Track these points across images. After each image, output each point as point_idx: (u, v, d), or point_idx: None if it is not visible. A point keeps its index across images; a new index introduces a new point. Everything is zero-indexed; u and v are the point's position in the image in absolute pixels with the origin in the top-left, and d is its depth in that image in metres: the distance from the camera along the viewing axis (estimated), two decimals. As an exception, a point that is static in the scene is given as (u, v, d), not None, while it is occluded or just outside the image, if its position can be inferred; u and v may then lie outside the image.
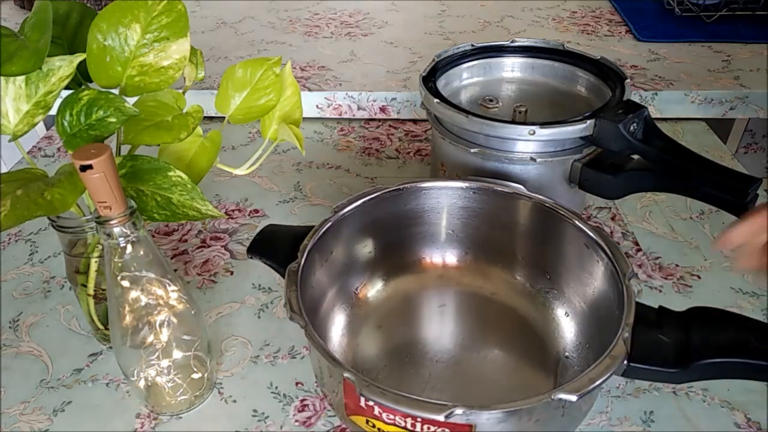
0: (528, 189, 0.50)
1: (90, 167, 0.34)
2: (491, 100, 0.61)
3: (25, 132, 0.41)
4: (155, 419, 0.47)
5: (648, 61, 0.89)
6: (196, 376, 0.47)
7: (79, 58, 0.41)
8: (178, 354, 0.45)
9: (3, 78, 0.39)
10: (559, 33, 1.01)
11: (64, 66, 0.40)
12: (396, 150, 0.79)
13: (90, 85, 0.41)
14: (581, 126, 0.52)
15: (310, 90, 0.84)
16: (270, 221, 0.66)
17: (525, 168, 0.56)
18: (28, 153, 0.68)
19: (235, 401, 0.48)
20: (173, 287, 0.43)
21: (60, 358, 0.52)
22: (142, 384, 0.45)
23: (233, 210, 0.69)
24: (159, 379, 0.45)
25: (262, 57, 0.48)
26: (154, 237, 0.65)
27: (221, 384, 0.50)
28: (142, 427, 0.46)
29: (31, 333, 0.54)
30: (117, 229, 0.38)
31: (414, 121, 0.85)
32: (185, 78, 0.50)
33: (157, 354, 0.44)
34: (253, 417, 0.47)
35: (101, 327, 0.51)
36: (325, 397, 0.47)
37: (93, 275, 0.47)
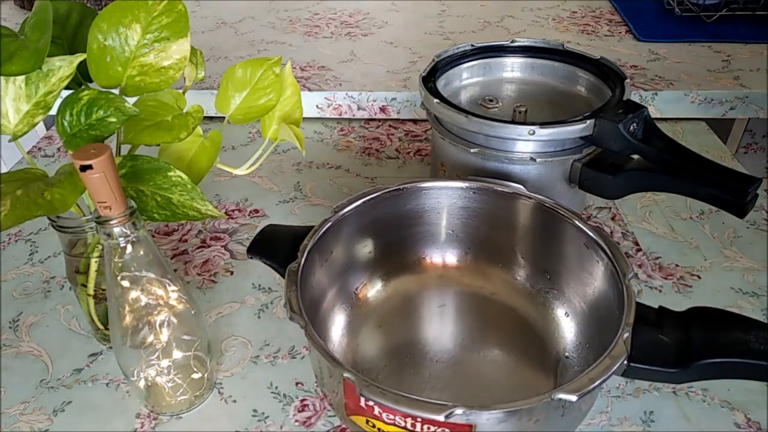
0: (528, 189, 0.50)
1: (90, 167, 0.34)
2: (491, 100, 0.61)
3: (25, 132, 0.41)
4: (155, 419, 0.47)
5: (648, 61, 0.89)
6: (196, 376, 0.47)
7: (79, 58, 0.41)
8: (178, 354, 0.45)
9: (3, 78, 0.39)
10: (559, 33, 1.01)
11: (64, 66, 0.40)
12: (396, 150, 0.79)
13: (90, 85, 0.41)
14: (581, 126, 0.52)
15: (310, 90, 0.84)
16: (270, 221, 0.66)
17: (525, 168, 0.56)
18: (28, 153, 0.68)
19: (235, 401, 0.48)
20: (173, 287, 0.43)
21: (60, 358, 0.52)
22: (142, 384, 0.45)
23: (233, 210, 0.69)
24: (159, 379, 0.45)
25: (262, 57, 0.48)
26: (154, 237, 0.65)
27: (221, 384, 0.50)
28: (142, 427, 0.46)
29: (31, 333, 0.54)
30: (117, 229, 0.38)
31: (414, 121, 0.85)
32: (185, 78, 0.50)
33: (157, 354, 0.44)
34: (253, 417, 0.47)
35: (101, 327, 0.51)
36: (325, 397, 0.47)
37: (93, 275, 0.47)
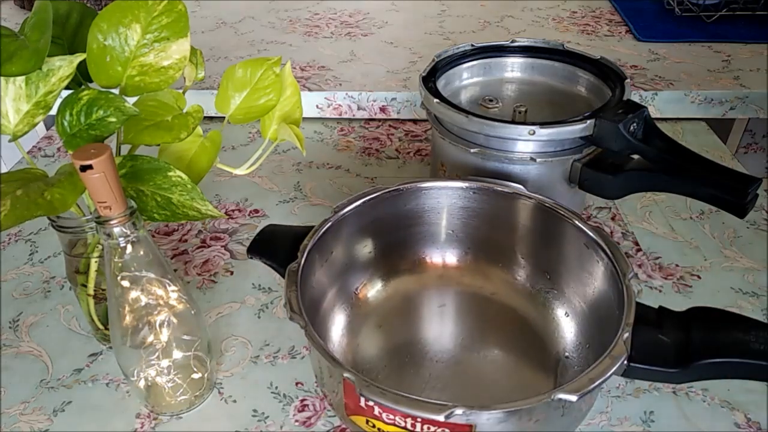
0: (528, 189, 0.50)
1: (90, 167, 0.34)
2: (491, 100, 0.61)
3: (25, 132, 0.41)
4: (155, 419, 0.47)
5: (648, 61, 0.89)
6: (196, 376, 0.47)
7: (79, 58, 0.41)
8: (178, 354, 0.45)
9: (3, 78, 0.39)
10: (559, 33, 1.01)
11: (64, 66, 0.40)
12: (396, 150, 0.79)
13: (90, 85, 0.41)
14: (581, 126, 0.52)
15: (310, 90, 0.84)
16: (270, 221, 0.66)
17: (525, 168, 0.56)
18: (28, 153, 0.68)
19: (235, 401, 0.48)
20: (173, 287, 0.43)
21: (60, 358, 0.52)
22: (142, 384, 0.45)
23: (233, 210, 0.69)
24: (159, 379, 0.45)
25: (262, 57, 0.48)
26: (154, 237, 0.65)
27: (221, 384, 0.50)
28: (142, 427, 0.46)
29: (31, 333, 0.54)
30: (117, 229, 0.38)
31: (414, 121, 0.85)
32: (185, 78, 0.50)
33: (157, 354, 0.44)
34: (253, 417, 0.47)
35: (101, 327, 0.51)
36: (325, 397, 0.47)
37: (93, 275, 0.47)
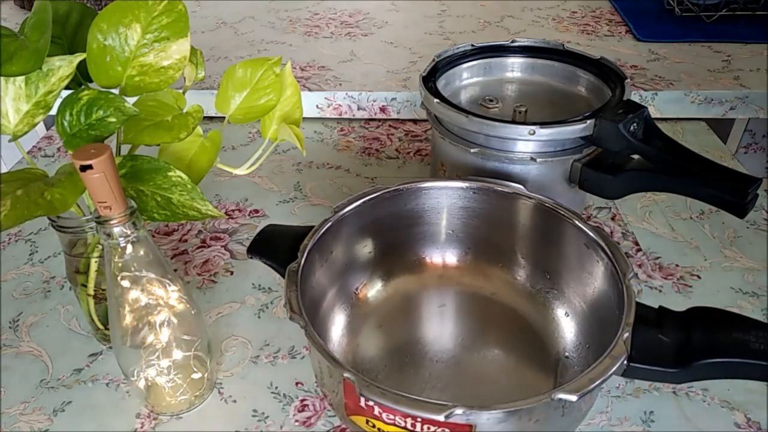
0: (528, 189, 0.50)
1: (90, 167, 0.34)
2: (491, 100, 0.61)
3: (25, 132, 0.41)
4: (155, 419, 0.47)
5: (648, 61, 0.89)
6: (196, 376, 0.47)
7: (79, 58, 0.41)
8: (178, 354, 0.45)
9: (3, 78, 0.39)
10: (559, 33, 1.01)
11: (64, 66, 0.40)
12: (396, 150, 0.79)
13: (90, 85, 0.41)
14: (581, 126, 0.52)
15: (310, 90, 0.84)
16: (270, 221, 0.66)
17: (525, 168, 0.56)
18: (28, 153, 0.68)
19: (235, 401, 0.48)
20: (173, 287, 0.43)
21: (60, 358, 0.52)
22: (142, 384, 0.45)
23: (233, 210, 0.69)
24: (159, 379, 0.45)
25: (262, 57, 0.48)
26: (154, 237, 0.65)
27: (221, 384, 0.50)
28: (142, 427, 0.46)
29: (31, 333, 0.54)
30: (117, 229, 0.38)
31: (414, 121, 0.85)
32: (185, 78, 0.50)
33: (157, 354, 0.44)
34: (253, 417, 0.47)
35: (101, 327, 0.51)
36: (325, 397, 0.47)
37: (93, 275, 0.47)
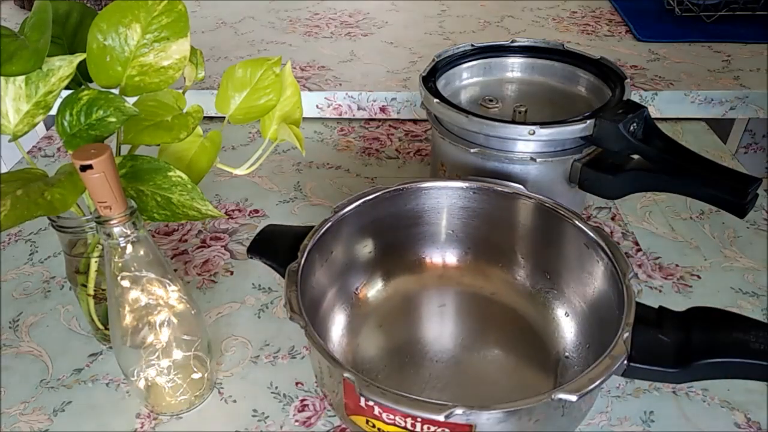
0: (528, 189, 0.50)
1: (90, 167, 0.34)
2: (491, 100, 0.61)
3: (25, 132, 0.41)
4: (155, 419, 0.47)
5: (648, 61, 0.89)
6: (196, 376, 0.47)
7: (79, 58, 0.41)
8: (178, 354, 0.45)
9: (3, 78, 0.39)
10: (559, 33, 1.01)
11: (64, 66, 0.40)
12: (396, 150, 0.79)
13: (90, 85, 0.41)
14: (581, 126, 0.52)
15: (310, 90, 0.84)
16: (270, 221, 0.66)
17: (525, 168, 0.56)
18: (28, 153, 0.68)
19: (235, 401, 0.48)
20: (173, 287, 0.43)
21: (60, 358, 0.52)
22: (142, 384, 0.45)
23: (233, 210, 0.69)
24: (159, 379, 0.45)
25: (262, 57, 0.48)
26: (154, 237, 0.65)
27: (221, 384, 0.50)
28: (142, 427, 0.46)
29: (31, 333, 0.54)
30: (117, 229, 0.38)
31: (414, 121, 0.85)
32: (185, 78, 0.50)
33: (157, 354, 0.44)
34: (253, 417, 0.47)
35: (101, 327, 0.51)
36: (325, 397, 0.47)
37: (93, 275, 0.47)
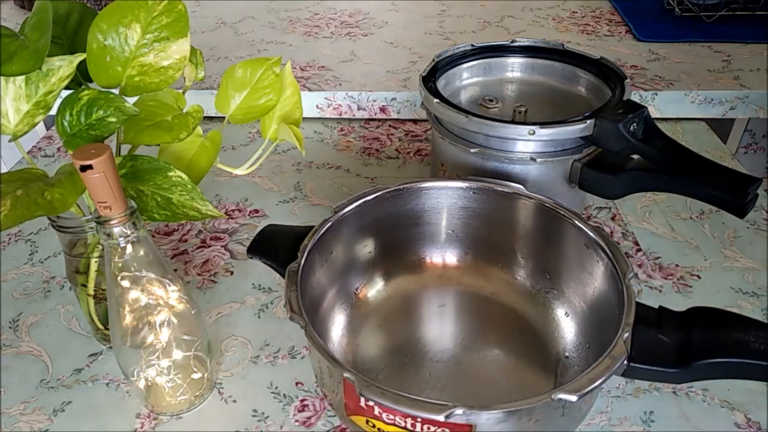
0: (528, 189, 0.50)
1: (90, 167, 0.34)
2: (491, 100, 0.61)
3: (25, 132, 0.41)
4: (155, 419, 0.47)
5: (648, 61, 0.89)
6: (196, 376, 0.47)
7: (79, 58, 0.41)
8: (178, 354, 0.45)
9: (3, 78, 0.39)
10: (559, 33, 1.01)
11: (64, 66, 0.40)
12: (396, 150, 0.79)
13: (90, 85, 0.41)
14: (581, 126, 0.52)
15: (310, 90, 0.84)
16: (270, 221, 0.66)
17: (525, 168, 0.56)
18: (28, 153, 0.68)
19: (235, 401, 0.48)
20: (173, 287, 0.43)
21: (60, 358, 0.52)
22: (142, 384, 0.45)
23: (233, 210, 0.69)
24: (159, 379, 0.45)
25: (262, 57, 0.48)
26: (154, 237, 0.65)
27: (221, 384, 0.50)
28: (142, 427, 0.46)
29: (31, 333, 0.54)
30: (117, 229, 0.38)
31: (414, 121, 0.85)
32: (185, 78, 0.50)
33: (157, 354, 0.44)
34: (253, 417, 0.47)
35: (101, 327, 0.51)
36: (325, 397, 0.47)
37: (93, 275, 0.47)
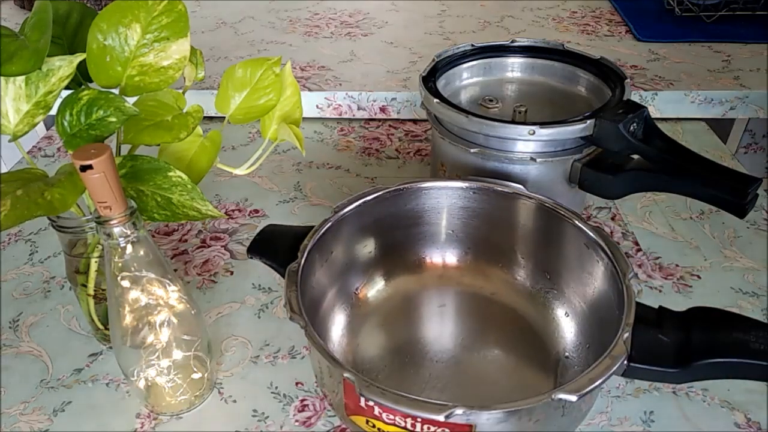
0: (528, 189, 0.50)
1: (90, 167, 0.34)
2: (491, 100, 0.61)
3: (25, 132, 0.41)
4: (155, 419, 0.47)
5: (648, 61, 0.89)
6: (196, 376, 0.47)
7: (79, 58, 0.41)
8: (178, 354, 0.45)
9: (3, 78, 0.39)
10: (559, 33, 1.01)
11: (64, 66, 0.40)
12: (396, 150, 0.79)
13: (90, 85, 0.41)
14: (581, 126, 0.52)
15: (310, 90, 0.84)
16: (270, 221, 0.66)
17: (525, 168, 0.56)
18: (28, 153, 0.68)
19: (235, 401, 0.48)
20: (173, 287, 0.43)
21: (60, 358, 0.52)
22: (142, 384, 0.45)
23: (233, 210, 0.69)
24: (159, 379, 0.45)
25: (262, 57, 0.48)
26: (154, 237, 0.65)
27: (221, 384, 0.50)
28: (142, 427, 0.46)
29: (31, 333, 0.54)
30: (117, 229, 0.38)
31: (414, 121, 0.85)
32: (185, 78, 0.50)
33: (157, 354, 0.44)
34: (253, 417, 0.47)
35: (101, 327, 0.51)
36: (325, 397, 0.47)
37: (93, 275, 0.47)
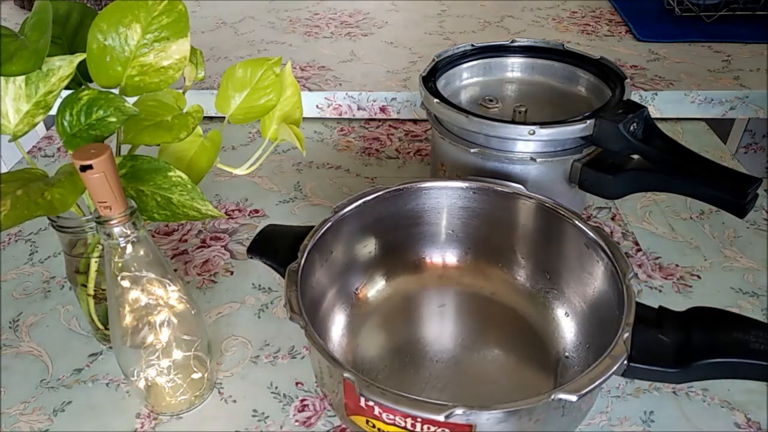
0: (528, 189, 0.50)
1: (90, 167, 0.34)
2: (491, 100, 0.61)
3: (25, 132, 0.41)
4: (155, 419, 0.47)
5: (648, 61, 0.89)
6: (196, 376, 0.47)
7: (79, 58, 0.41)
8: (178, 354, 0.45)
9: (3, 78, 0.39)
10: (559, 33, 1.01)
11: (64, 66, 0.40)
12: (396, 150, 0.79)
13: (90, 85, 0.41)
14: (581, 126, 0.52)
15: (310, 90, 0.84)
16: (270, 221, 0.66)
17: (525, 168, 0.56)
18: (28, 153, 0.68)
19: (235, 401, 0.48)
20: (173, 287, 0.43)
21: (60, 358, 0.52)
22: (142, 384, 0.45)
23: (233, 210, 0.69)
24: (159, 379, 0.45)
25: (262, 57, 0.48)
26: (154, 237, 0.65)
27: (221, 384, 0.50)
28: (142, 427, 0.46)
29: (31, 333, 0.54)
30: (117, 229, 0.38)
31: (414, 121, 0.85)
32: (185, 78, 0.50)
33: (157, 354, 0.44)
34: (253, 417, 0.47)
35: (101, 327, 0.51)
36: (325, 397, 0.47)
37: (93, 275, 0.47)
